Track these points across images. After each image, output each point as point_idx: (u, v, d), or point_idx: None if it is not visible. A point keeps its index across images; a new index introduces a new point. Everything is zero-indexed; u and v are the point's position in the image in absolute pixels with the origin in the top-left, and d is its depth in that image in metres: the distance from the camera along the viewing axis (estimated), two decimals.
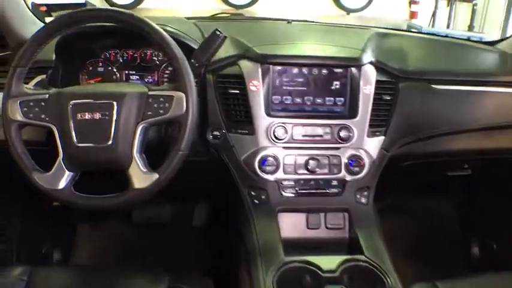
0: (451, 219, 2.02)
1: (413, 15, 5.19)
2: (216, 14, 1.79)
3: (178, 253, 1.80)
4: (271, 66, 1.20)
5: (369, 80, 1.23)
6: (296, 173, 1.21)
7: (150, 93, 1.02)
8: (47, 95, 1.05)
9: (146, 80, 1.41)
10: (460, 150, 1.44)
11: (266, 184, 1.21)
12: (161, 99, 1.01)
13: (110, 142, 1.00)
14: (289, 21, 1.60)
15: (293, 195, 1.22)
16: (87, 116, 1.01)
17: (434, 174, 1.63)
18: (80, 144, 1.01)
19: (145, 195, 1.01)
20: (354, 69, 1.23)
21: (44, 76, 1.28)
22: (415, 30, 4.22)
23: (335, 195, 1.24)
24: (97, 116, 1.01)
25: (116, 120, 1.01)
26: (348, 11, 5.15)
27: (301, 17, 1.65)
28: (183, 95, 1.00)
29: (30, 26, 1.45)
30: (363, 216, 1.23)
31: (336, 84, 1.24)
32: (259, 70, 1.20)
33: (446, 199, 2.01)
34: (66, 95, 1.04)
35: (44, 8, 1.73)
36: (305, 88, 1.23)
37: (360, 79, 1.23)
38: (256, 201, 1.21)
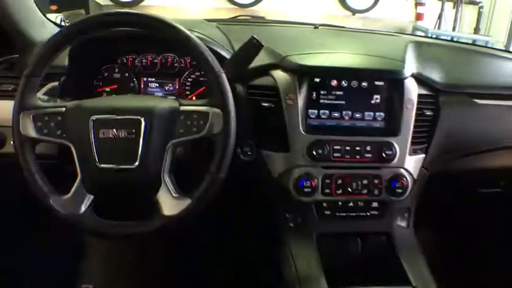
0: (472, 236, 1.94)
1: (419, 17, 5.11)
2: (236, 16, 1.69)
3: (197, 266, 1.68)
4: (308, 77, 1.11)
5: (411, 94, 1.14)
6: (335, 195, 1.11)
7: (182, 108, 0.92)
8: (64, 109, 0.94)
9: (166, 88, 1.31)
10: (500, 167, 1.36)
11: (302, 206, 1.11)
12: (195, 115, 0.91)
13: (137, 163, 0.90)
14: (316, 26, 1.50)
15: (331, 218, 1.12)
16: (111, 133, 0.91)
17: (466, 191, 1.55)
18: (102, 165, 0.91)
19: (176, 222, 0.91)
20: (395, 83, 1.14)
21: (55, 83, 1.18)
22: (445, 38, 4.17)
23: (375, 218, 1.14)
24: (122, 133, 0.90)
25: (143, 139, 0.90)
26: (354, 11, 5.06)
27: (308, 19, 1.57)
28: (219, 111, 0.90)
29: (39, 26, 1.34)
30: (404, 241, 1.14)
31: (376, 98, 1.15)
32: (296, 82, 1.10)
33: (470, 214, 1.93)
34: (86, 109, 0.93)
35: (54, 7, 1.61)
36: (343, 102, 1.14)
37: (401, 93, 1.13)
38: (291, 225, 1.11)
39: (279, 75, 1.12)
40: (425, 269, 1.08)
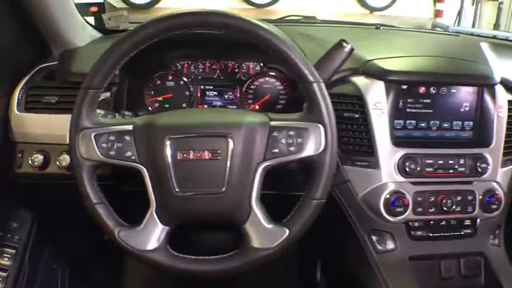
0: None
1: (438, 13, 4.99)
2: (286, 17, 1.58)
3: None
4: (395, 84, 1.00)
5: (502, 101, 1.05)
6: (427, 213, 1.00)
7: (273, 123, 0.79)
8: (131, 126, 0.81)
9: (226, 96, 1.20)
10: None
11: (392, 227, 1.00)
12: (290, 132, 0.78)
13: (223, 189, 0.78)
14: (377, 27, 1.40)
15: (423, 239, 1.01)
16: (192, 155, 0.78)
17: None
18: (181, 193, 0.78)
19: (271, 257, 0.79)
20: (485, 89, 1.03)
21: (107, 94, 1.07)
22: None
23: (468, 237, 1.04)
24: (206, 155, 0.78)
25: (230, 161, 0.78)
26: (372, 9, 4.93)
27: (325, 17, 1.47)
28: (320, 127, 0.79)
29: (79, 30, 1.23)
30: (499, 261, 1.05)
31: (466, 106, 1.04)
32: (383, 89, 0.99)
33: None
34: (159, 127, 0.80)
35: (94, 9, 1.49)
36: (431, 110, 1.03)
37: (492, 100, 1.03)
38: (379, 247, 1.01)
39: (363, 82, 1.01)
40: None
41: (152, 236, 0.80)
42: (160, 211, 0.80)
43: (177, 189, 0.78)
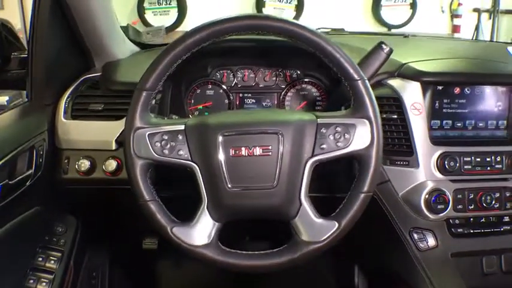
0: None
1: (455, 29, 5.01)
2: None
3: None
4: (431, 85, 1.04)
5: None
6: (467, 210, 1.03)
7: (320, 121, 0.84)
8: (183, 126, 0.85)
9: (264, 103, 1.25)
10: None
11: (433, 225, 1.03)
12: (337, 128, 0.82)
13: (274, 184, 0.82)
14: (405, 36, 1.45)
15: (464, 236, 1.04)
16: (244, 151, 0.82)
17: None
18: (233, 189, 0.82)
19: (321, 250, 0.82)
20: None
21: (152, 102, 1.12)
22: None
23: (508, 233, 1.06)
24: (257, 151, 0.82)
25: (280, 157, 0.82)
26: (389, 27, 4.98)
27: None
28: (366, 122, 0.82)
29: (121, 44, 1.31)
30: None
31: (499, 105, 1.08)
32: (420, 90, 1.03)
33: None
34: (212, 125, 0.84)
35: (135, 22, 1.55)
36: (466, 110, 1.07)
37: None
38: (421, 245, 1.03)
39: (399, 84, 1.05)
40: None
41: (204, 231, 0.83)
42: (211, 207, 0.83)
43: (229, 185, 0.82)
